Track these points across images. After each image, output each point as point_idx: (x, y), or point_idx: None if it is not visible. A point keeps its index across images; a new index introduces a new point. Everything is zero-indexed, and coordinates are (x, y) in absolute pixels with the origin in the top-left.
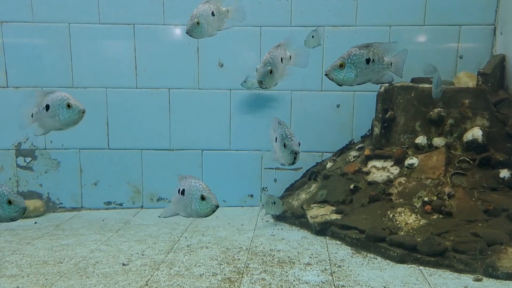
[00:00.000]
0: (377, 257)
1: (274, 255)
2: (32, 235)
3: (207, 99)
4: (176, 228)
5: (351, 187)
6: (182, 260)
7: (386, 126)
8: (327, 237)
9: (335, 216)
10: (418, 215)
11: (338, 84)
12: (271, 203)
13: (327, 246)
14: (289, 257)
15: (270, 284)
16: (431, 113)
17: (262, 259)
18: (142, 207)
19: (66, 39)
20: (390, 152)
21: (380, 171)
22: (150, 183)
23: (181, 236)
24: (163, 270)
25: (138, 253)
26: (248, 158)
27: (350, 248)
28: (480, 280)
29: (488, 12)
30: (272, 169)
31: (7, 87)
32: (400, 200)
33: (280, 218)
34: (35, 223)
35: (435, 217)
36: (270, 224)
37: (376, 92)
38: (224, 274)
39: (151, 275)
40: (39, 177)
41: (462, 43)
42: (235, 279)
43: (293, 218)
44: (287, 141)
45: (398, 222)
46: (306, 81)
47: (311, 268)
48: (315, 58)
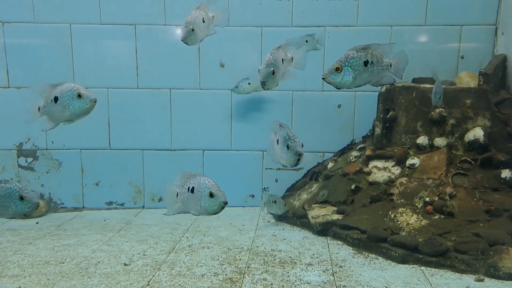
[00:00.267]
0: (378, 257)
1: (276, 255)
2: (33, 235)
3: (208, 99)
4: (177, 228)
5: (352, 187)
6: (183, 260)
7: (388, 126)
8: (328, 237)
9: (336, 216)
10: (420, 215)
11: (336, 87)
12: (272, 202)
13: (328, 246)
14: (290, 257)
15: (271, 284)
16: (432, 113)
17: (264, 259)
18: (143, 207)
19: (68, 39)
20: (392, 152)
21: (381, 171)
22: (151, 183)
23: (182, 236)
24: (165, 270)
25: (139, 253)
26: (249, 158)
27: (351, 248)
28: (481, 280)
29: (490, 12)
30: (273, 169)
31: (9, 87)
32: (402, 200)
33: (281, 218)
34: (37, 223)
35: (436, 217)
36: (271, 224)
37: (377, 92)
38: (226, 274)
39: (153, 275)
40: (41, 177)
41: (464, 43)
42: (237, 279)
43: (294, 218)
44: (290, 142)
45: (399, 223)
46: (307, 81)
47: (312, 268)
48: (316, 58)
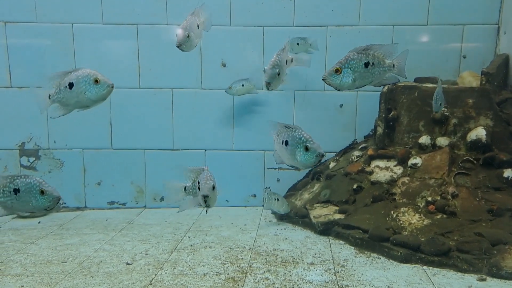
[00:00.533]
0: (380, 256)
1: (278, 255)
2: (36, 235)
3: (210, 99)
4: (179, 227)
5: (354, 187)
6: (185, 259)
7: (390, 125)
8: (330, 236)
9: (338, 216)
10: (422, 215)
11: (336, 89)
12: (274, 200)
13: (330, 246)
14: (292, 256)
15: (273, 283)
16: (434, 112)
17: (266, 258)
18: (145, 206)
19: (70, 39)
20: (394, 152)
21: (383, 171)
22: (153, 183)
23: (184, 235)
24: (167, 270)
25: (141, 252)
26: (251, 158)
27: (353, 247)
28: (484, 280)
29: (492, 11)
30: (275, 169)
31: (11, 87)
32: (404, 200)
33: (283, 218)
34: (39, 222)
35: (438, 216)
36: (273, 223)
37: (379, 92)
38: (228, 274)
39: (155, 275)
40: (43, 177)
41: (466, 42)
42: (239, 279)
43: (296, 218)
44: (309, 144)
45: (401, 222)
46: (309, 81)
47: (314, 268)
48: (318, 58)
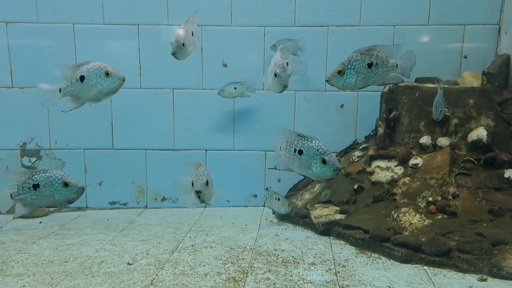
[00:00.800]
0: (381, 257)
1: (278, 255)
2: (37, 235)
3: (211, 99)
4: (180, 228)
5: (355, 187)
6: (186, 259)
7: (390, 126)
8: (331, 237)
9: (339, 216)
10: (423, 215)
11: (340, 89)
12: (275, 199)
13: (331, 246)
14: (293, 256)
15: (274, 283)
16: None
17: (266, 258)
18: (146, 207)
19: (71, 39)
20: (394, 152)
21: (384, 171)
22: (154, 183)
23: (185, 235)
24: (168, 270)
25: (143, 252)
26: (252, 158)
27: (354, 248)
28: (485, 280)
29: (493, 11)
30: (276, 169)
31: (12, 87)
32: (405, 200)
33: (283, 218)
34: (40, 222)
35: (439, 217)
36: (274, 224)
37: (380, 92)
38: (229, 274)
39: (156, 274)
40: None
41: (467, 42)
42: (240, 279)
43: (297, 218)
44: (327, 157)
45: (402, 222)
46: (310, 81)
47: (315, 268)
48: (319, 58)
